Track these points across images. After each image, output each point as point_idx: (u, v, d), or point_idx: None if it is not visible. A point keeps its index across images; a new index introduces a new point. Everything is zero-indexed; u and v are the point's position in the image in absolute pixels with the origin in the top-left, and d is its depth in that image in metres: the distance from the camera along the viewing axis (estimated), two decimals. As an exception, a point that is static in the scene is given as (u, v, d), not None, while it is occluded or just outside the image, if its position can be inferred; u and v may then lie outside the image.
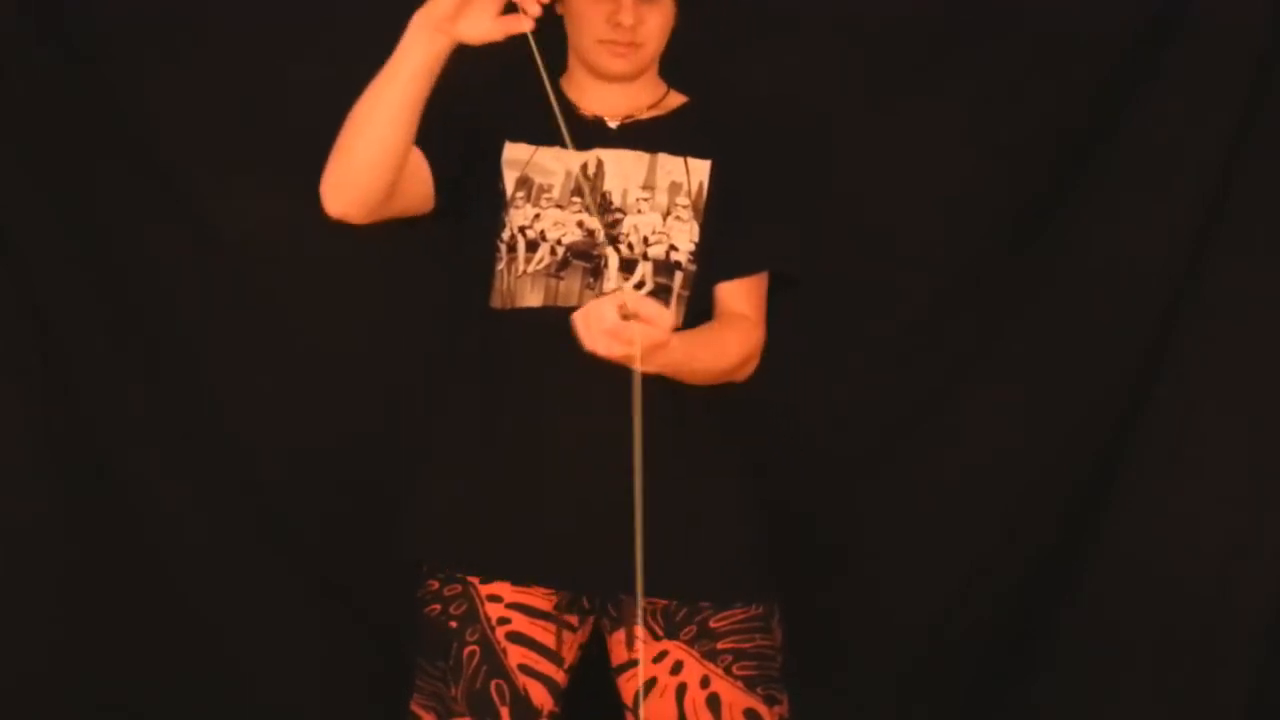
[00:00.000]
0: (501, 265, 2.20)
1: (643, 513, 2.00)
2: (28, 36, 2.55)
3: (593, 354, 1.89)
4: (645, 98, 2.31)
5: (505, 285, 2.20)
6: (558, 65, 2.33)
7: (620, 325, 1.87)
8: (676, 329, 2.17)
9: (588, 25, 2.22)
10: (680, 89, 2.34)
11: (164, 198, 2.62)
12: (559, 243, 2.19)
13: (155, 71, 2.60)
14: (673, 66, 2.33)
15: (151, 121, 2.60)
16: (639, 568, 1.90)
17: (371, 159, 2.06)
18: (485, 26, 1.96)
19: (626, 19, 2.18)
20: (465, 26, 1.96)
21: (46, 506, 2.58)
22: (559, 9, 2.26)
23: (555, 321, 1.97)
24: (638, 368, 1.87)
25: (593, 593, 2.19)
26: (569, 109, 2.28)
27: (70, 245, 2.58)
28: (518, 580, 2.16)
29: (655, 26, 2.22)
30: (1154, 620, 2.59)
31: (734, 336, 2.20)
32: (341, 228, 2.45)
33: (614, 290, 1.94)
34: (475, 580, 2.17)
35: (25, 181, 2.55)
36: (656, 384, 2.04)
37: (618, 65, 2.23)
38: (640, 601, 1.99)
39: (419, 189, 2.19)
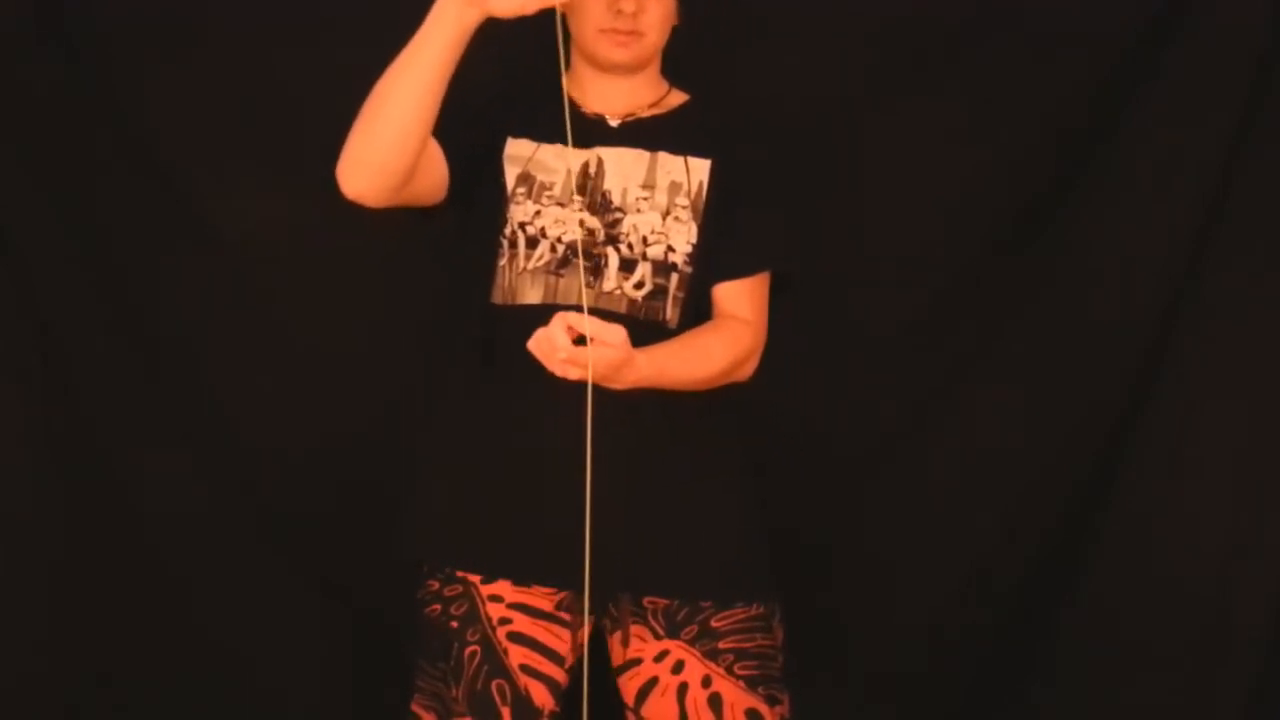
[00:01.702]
0: (503, 261, 2.20)
1: (634, 513, 2.01)
2: (28, 36, 2.55)
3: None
4: (647, 96, 2.30)
5: (507, 281, 2.20)
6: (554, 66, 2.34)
7: (574, 350, 1.88)
8: (672, 331, 2.19)
9: (589, 14, 2.21)
10: (683, 88, 2.34)
11: (164, 198, 2.62)
12: (559, 240, 2.19)
13: (155, 71, 2.60)
14: (675, 65, 2.34)
15: (151, 121, 2.61)
16: (586, 584, 1.93)
17: (394, 136, 2.03)
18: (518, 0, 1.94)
19: (627, 6, 2.18)
20: None
21: (46, 506, 2.57)
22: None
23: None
24: (590, 384, 1.90)
25: (593, 592, 2.18)
26: (571, 107, 2.28)
27: (70, 245, 2.58)
28: (519, 579, 2.16)
29: (656, 16, 2.22)
30: (1154, 620, 2.59)
31: (719, 342, 2.19)
32: (342, 226, 2.48)
33: (561, 312, 1.94)
34: (476, 580, 2.16)
35: (25, 181, 2.55)
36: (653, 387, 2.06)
37: (619, 54, 2.22)
38: (587, 605, 2.01)
39: (434, 177, 2.17)
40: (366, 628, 2.67)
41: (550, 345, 1.89)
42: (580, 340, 1.90)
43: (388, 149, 2.04)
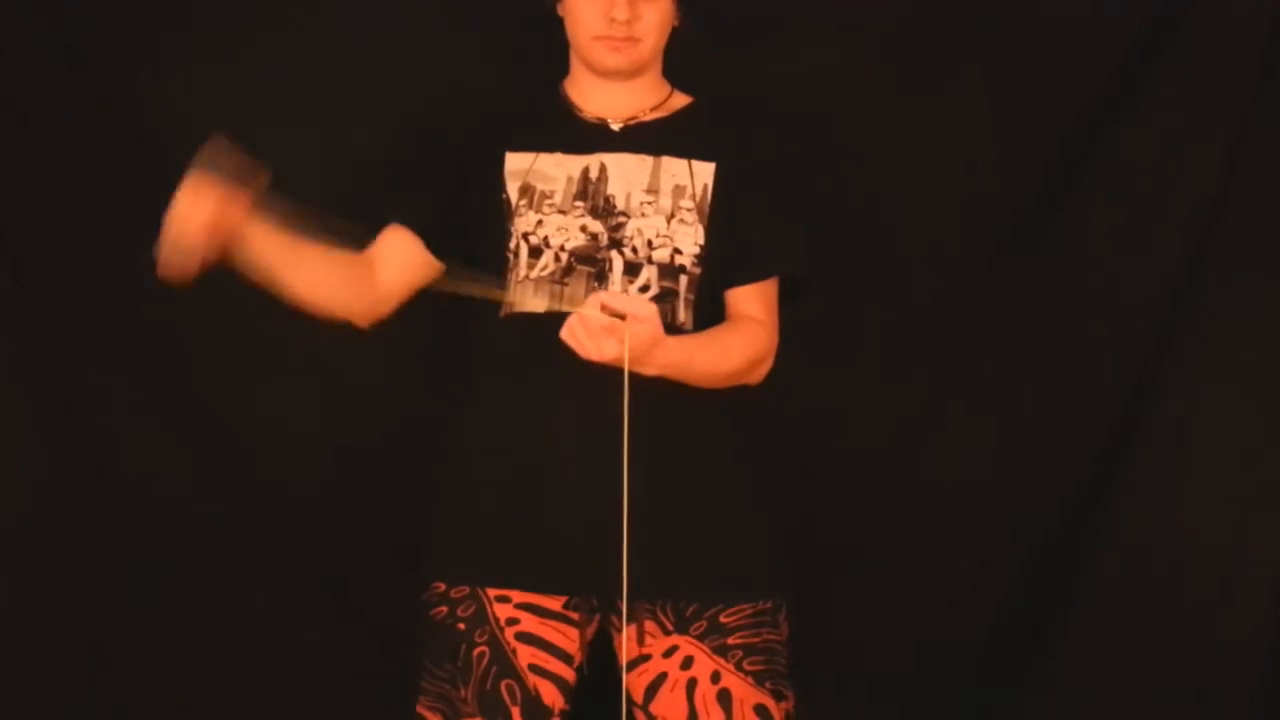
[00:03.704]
0: (509, 273, 2.21)
1: (643, 513, 2.00)
2: (28, 36, 2.54)
3: (590, 361, 1.92)
4: (649, 99, 2.30)
5: (511, 292, 2.21)
6: (560, 68, 2.34)
7: (613, 322, 1.88)
8: (688, 333, 2.19)
9: (584, 22, 2.22)
10: (685, 90, 2.34)
11: (164, 198, 2.60)
12: (562, 248, 2.19)
13: (155, 72, 2.59)
14: (677, 67, 2.34)
15: (151, 121, 2.60)
16: (625, 567, 1.92)
17: (315, 300, 2.23)
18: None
19: (620, 14, 2.18)
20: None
21: (46, 506, 2.57)
22: (559, 10, 2.28)
23: (559, 327, 1.97)
24: (627, 365, 1.90)
25: (602, 595, 2.19)
26: (572, 112, 2.29)
27: (70, 245, 2.58)
28: (527, 588, 2.16)
29: (652, 22, 2.22)
30: (1154, 620, 2.60)
31: (739, 339, 2.19)
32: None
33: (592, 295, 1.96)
34: (483, 581, 2.18)
35: (25, 181, 2.54)
36: (664, 384, 2.05)
37: (614, 60, 2.23)
38: (624, 604, 2.00)
39: (414, 273, 2.31)
40: (368, 628, 2.66)
41: (585, 327, 1.89)
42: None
43: (325, 303, 2.25)
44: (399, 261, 2.30)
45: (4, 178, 2.53)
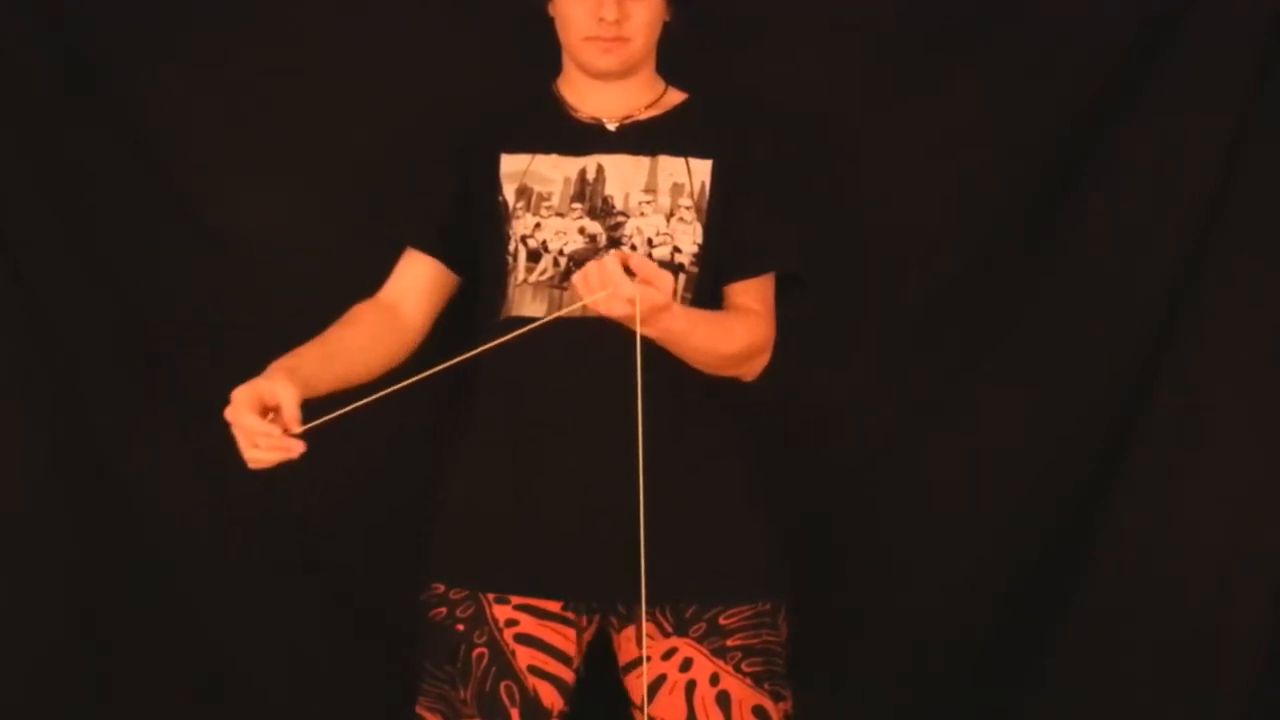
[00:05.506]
0: (508, 276, 2.21)
1: (647, 508, 2.01)
2: (28, 36, 2.54)
3: (587, 360, 1.91)
4: (643, 96, 2.31)
5: (509, 295, 2.21)
6: (553, 68, 2.34)
7: (622, 282, 1.86)
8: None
9: (573, 23, 2.22)
10: (680, 87, 2.34)
11: (164, 198, 2.61)
12: (560, 253, 2.19)
13: (155, 72, 2.59)
14: (672, 64, 2.34)
15: (151, 121, 2.60)
16: (642, 562, 1.91)
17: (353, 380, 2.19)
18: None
19: (609, 14, 2.18)
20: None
21: (46, 506, 2.56)
22: (549, 10, 2.28)
23: (559, 332, 1.97)
24: (638, 327, 1.88)
25: (601, 598, 2.19)
26: (567, 112, 2.29)
27: (70, 245, 2.57)
28: (526, 594, 2.16)
29: (642, 21, 2.22)
30: (1154, 620, 2.60)
31: (741, 325, 2.19)
32: (342, 226, 2.51)
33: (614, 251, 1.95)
34: (482, 584, 2.18)
35: (25, 181, 2.54)
36: (663, 381, 2.05)
37: (605, 61, 2.23)
38: (643, 597, 1.99)
39: (439, 294, 2.30)
40: (369, 629, 2.66)
41: (602, 276, 1.86)
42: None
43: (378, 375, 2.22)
44: (423, 289, 2.31)
45: (4, 178, 2.52)
